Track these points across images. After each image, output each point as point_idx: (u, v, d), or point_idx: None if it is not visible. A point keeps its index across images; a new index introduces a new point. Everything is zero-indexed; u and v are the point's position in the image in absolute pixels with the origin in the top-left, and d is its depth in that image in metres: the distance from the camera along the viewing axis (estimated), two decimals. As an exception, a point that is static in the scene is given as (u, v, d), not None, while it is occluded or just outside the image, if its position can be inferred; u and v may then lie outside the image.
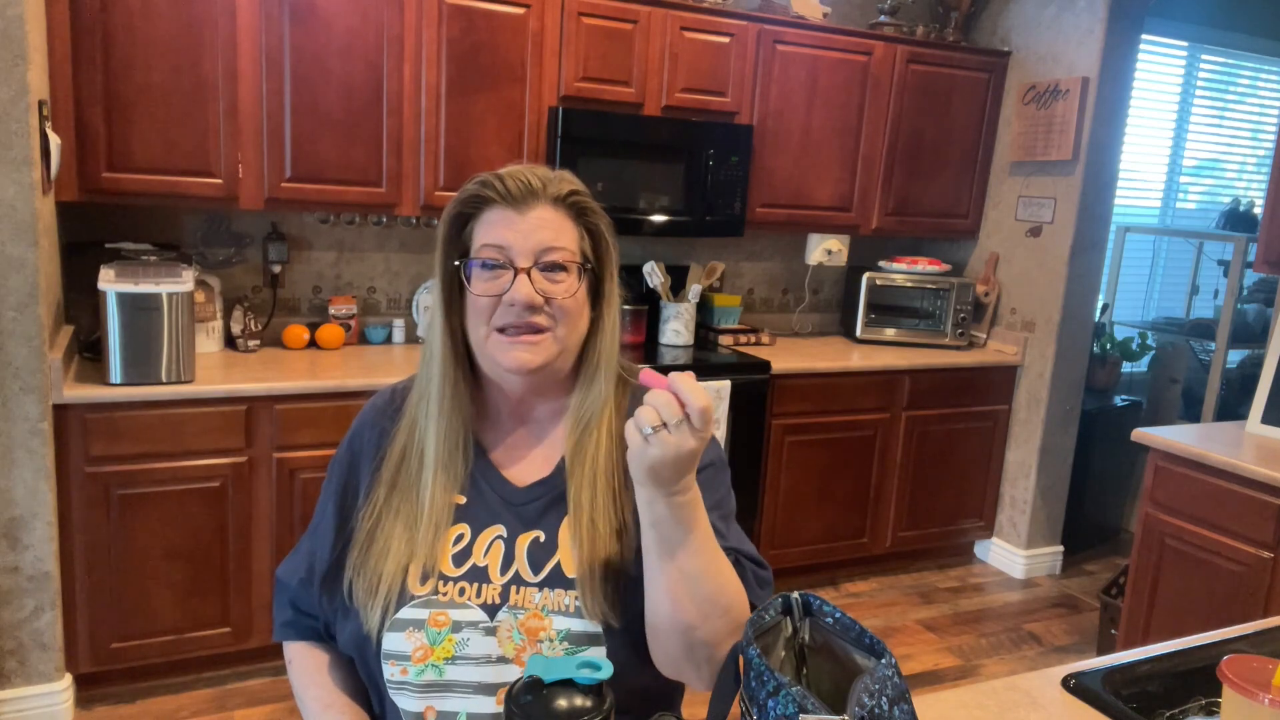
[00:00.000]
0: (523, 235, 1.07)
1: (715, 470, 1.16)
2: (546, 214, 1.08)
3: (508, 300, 1.06)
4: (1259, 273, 2.95)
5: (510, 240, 1.07)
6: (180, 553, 2.64)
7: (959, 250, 4.21)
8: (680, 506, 0.96)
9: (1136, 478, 4.28)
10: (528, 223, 1.07)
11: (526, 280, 1.06)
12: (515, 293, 1.05)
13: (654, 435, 0.91)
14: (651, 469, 0.93)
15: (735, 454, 3.36)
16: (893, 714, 0.84)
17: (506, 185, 1.07)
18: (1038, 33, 3.79)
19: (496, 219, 1.08)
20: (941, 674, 3.12)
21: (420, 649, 1.05)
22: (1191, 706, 1.27)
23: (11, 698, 2.47)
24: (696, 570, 0.98)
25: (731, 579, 1.03)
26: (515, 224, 1.07)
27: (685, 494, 0.96)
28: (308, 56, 2.79)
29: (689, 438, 0.91)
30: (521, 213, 1.07)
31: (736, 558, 1.08)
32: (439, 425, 1.11)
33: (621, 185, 3.26)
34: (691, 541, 0.98)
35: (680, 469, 0.93)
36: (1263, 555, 2.49)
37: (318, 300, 3.28)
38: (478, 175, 1.10)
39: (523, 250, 1.06)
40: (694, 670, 1.04)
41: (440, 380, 1.12)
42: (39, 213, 2.32)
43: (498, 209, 1.08)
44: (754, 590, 1.08)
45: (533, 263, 1.06)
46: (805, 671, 1.00)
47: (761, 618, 0.97)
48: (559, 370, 1.13)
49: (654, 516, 0.97)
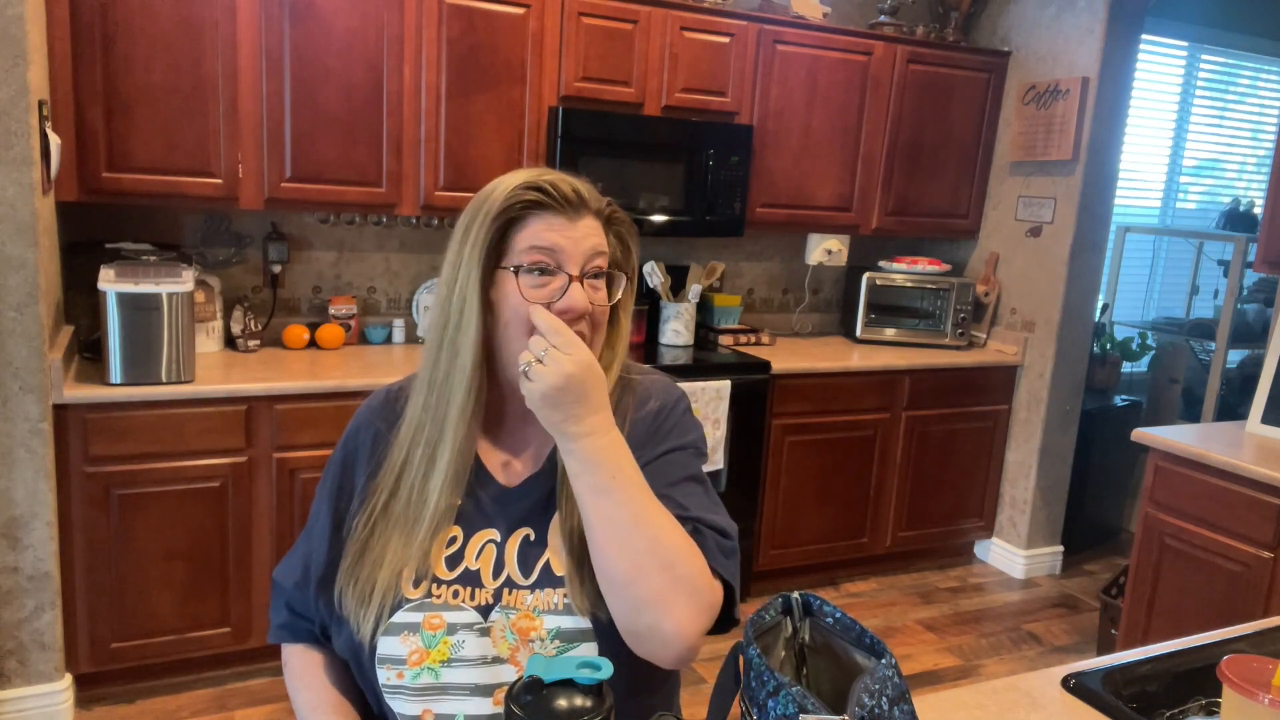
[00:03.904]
0: (574, 241, 1.06)
1: (686, 454, 1.14)
2: (592, 223, 1.09)
3: (561, 307, 1.04)
4: (1259, 273, 2.95)
5: (563, 245, 1.06)
6: (180, 553, 2.64)
7: (959, 250, 4.21)
8: (595, 450, 0.99)
9: (1136, 478, 4.28)
10: (578, 230, 1.07)
11: (579, 287, 1.06)
12: (571, 299, 1.04)
13: (530, 369, 0.98)
14: (544, 401, 0.98)
15: (735, 454, 3.36)
16: (893, 714, 0.84)
17: (561, 191, 1.06)
18: (1038, 33, 3.79)
19: (548, 224, 1.06)
20: (941, 674, 3.12)
21: (416, 652, 1.05)
22: (1191, 706, 1.27)
23: (11, 698, 2.47)
24: (625, 519, 0.98)
25: (673, 535, 1.00)
26: (567, 230, 1.06)
27: (596, 436, 0.99)
28: (308, 56, 2.79)
29: (563, 362, 0.97)
30: (573, 220, 1.07)
31: (695, 526, 1.06)
32: (458, 434, 1.08)
33: (621, 185, 3.26)
34: (615, 489, 0.99)
35: (572, 396, 0.97)
36: (1263, 555, 2.49)
37: (318, 300, 3.28)
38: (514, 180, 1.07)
39: (574, 256, 1.06)
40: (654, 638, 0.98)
41: (466, 390, 1.07)
42: (39, 212, 2.32)
43: (549, 215, 1.06)
44: (715, 556, 1.04)
45: (580, 269, 1.06)
46: (805, 671, 1.00)
47: (761, 618, 0.97)
48: None
49: (572, 465, 1.00)
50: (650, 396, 1.17)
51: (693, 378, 3.23)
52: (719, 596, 1.03)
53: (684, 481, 1.11)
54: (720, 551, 1.06)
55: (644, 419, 1.15)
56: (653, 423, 1.15)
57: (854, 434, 3.62)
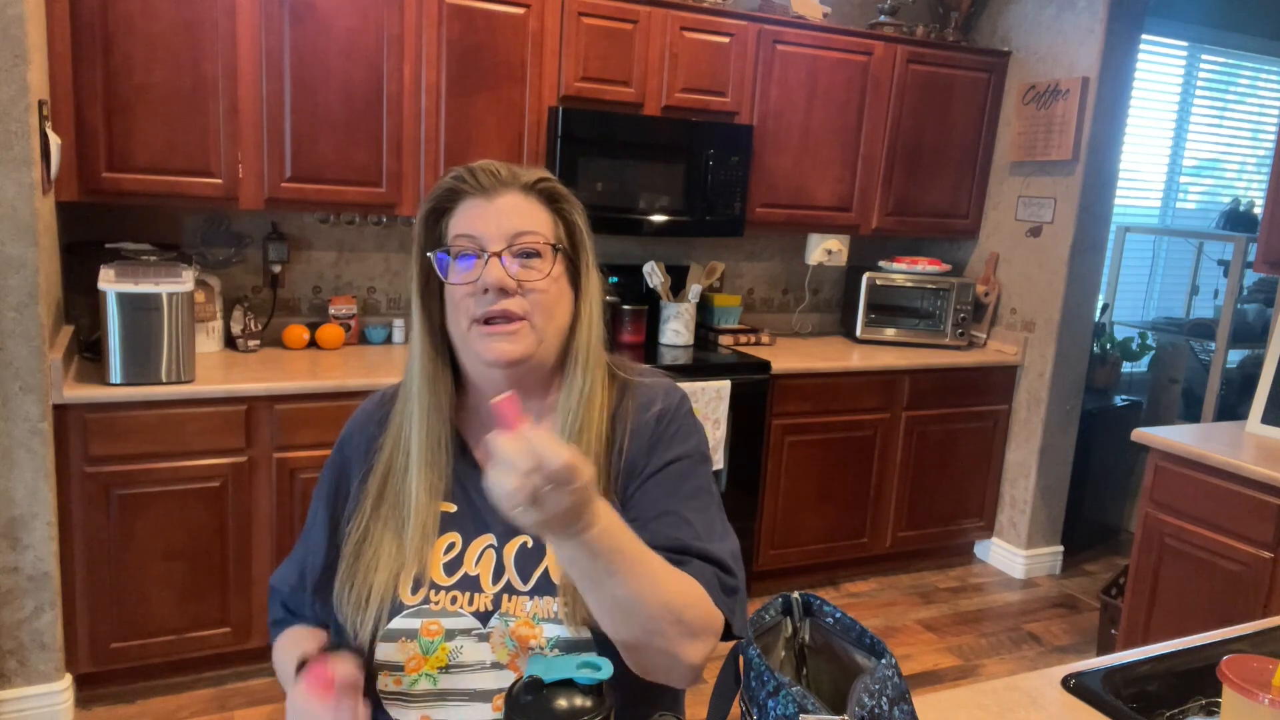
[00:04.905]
0: (493, 222, 1.07)
1: (692, 463, 1.13)
2: (517, 200, 1.09)
3: (480, 284, 1.06)
4: (1259, 273, 2.95)
5: (480, 228, 1.07)
6: (180, 553, 2.64)
7: (959, 250, 4.21)
8: (591, 542, 0.88)
9: (1136, 478, 4.28)
10: (497, 209, 1.08)
11: (498, 263, 1.06)
12: (486, 275, 1.05)
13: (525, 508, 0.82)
14: (539, 529, 0.86)
15: (735, 454, 3.36)
16: (893, 714, 0.84)
17: (477, 177, 1.09)
18: (1038, 33, 3.79)
19: (468, 209, 1.09)
20: (941, 674, 3.12)
21: (414, 658, 1.05)
22: (1191, 706, 1.26)
23: (11, 698, 2.47)
24: (629, 596, 0.92)
25: (679, 590, 0.97)
26: (485, 212, 1.08)
27: (592, 528, 0.88)
28: (308, 56, 2.79)
29: (563, 497, 0.83)
30: (491, 200, 1.08)
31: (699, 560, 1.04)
32: (420, 424, 1.11)
33: (621, 185, 3.26)
34: (617, 570, 0.91)
35: (573, 514, 0.85)
36: (1263, 555, 2.49)
37: (318, 300, 3.28)
38: (451, 170, 1.11)
39: (494, 236, 1.07)
40: (665, 675, 1.00)
41: (420, 378, 1.11)
42: (39, 213, 2.32)
43: (469, 200, 1.09)
44: (719, 597, 1.03)
45: (505, 246, 1.06)
46: (805, 671, 1.00)
47: (761, 618, 0.97)
48: (541, 365, 1.12)
49: (567, 557, 0.91)
50: (653, 400, 1.16)
51: (693, 378, 3.23)
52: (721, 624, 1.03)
53: (692, 496, 1.10)
54: (723, 590, 1.04)
55: (647, 423, 1.13)
56: (656, 427, 1.13)
57: (854, 434, 3.62)
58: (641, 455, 1.11)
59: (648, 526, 1.07)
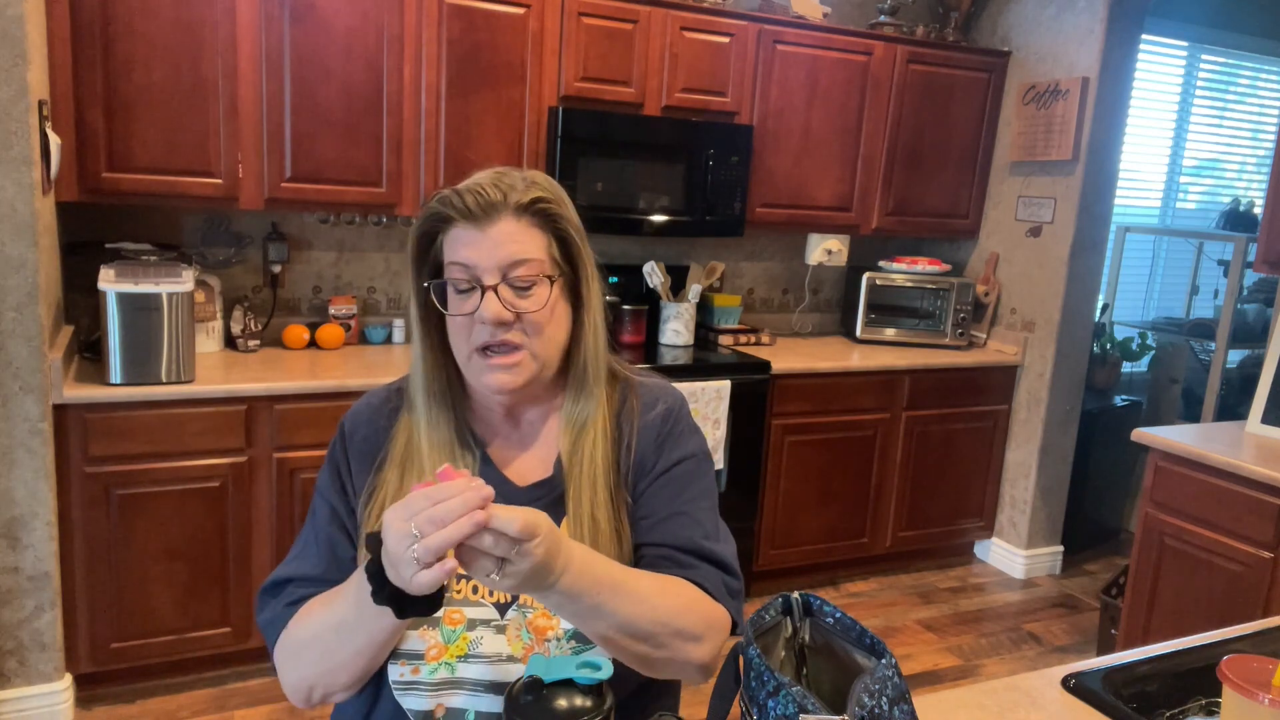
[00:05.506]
0: (487, 253, 1.05)
1: (698, 462, 1.17)
2: (510, 226, 1.06)
3: (478, 319, 1.05)
4: (1259, 273, 2.94)
5: (475, 259, 1.05)
6: (180, 553, 2.64)
7: (959, 250, 4.21)
8: (569, 587, 0.90)
9: (1136, 478, 4.28)
10: (490, 239, 1.05)
11: (494, 298, 1.05)
12: (484, 311, 1.05)
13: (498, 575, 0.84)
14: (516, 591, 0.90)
15: (735, 454, 3.36)
16: (893, 714, 0.84)
17: (465, 202, 1.05)
18: (1038, 33, 3.79)
19: (460, 237, 1.06)
20: (941, 674, 3.12)
21: (435, 646, 1.06)
22: (1191, 706, 1.26)
23: (11, 698, 2.47)
24: (622, 622, 0.95)
25: (670, 603, 1.00)
26: (479, 242, 1.05)
27: (566, 574, 0.89)
28: (308, 56, 2.79)
29: (527, 557, 0.83)
30: (484, 229, 1.05)
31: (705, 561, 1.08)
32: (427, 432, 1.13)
33: (621, 185, 3.26)
34: (603, 602, 0.93)
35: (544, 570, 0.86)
36: (1263, 555, 2.49)
37: (318, 300, 3.28)
38: (438, 191, 1.09)
39: (488, 267, 1.05)
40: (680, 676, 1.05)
41: (425, 396, 1.13)
42: (39, 212, 2.32)
43: (460, 226, 1.06)
44: (724, 599, 1.07)
45: (500, 279, 1.05)
46: (805, 671, 1.00)
47: (761, 618, 0.97)
48: (543, 379, 1.13)
49: (553, 605, 0.94)
50: (657, 399, 1.19)
51: (693, 378, 3.23)
52: (727, 620, 1.07)
53: (701, 496, 1.14)
54: (728, 592, 1.09)
55: (653, 422, 1.16)
56: (663, 426, 1.16)
57: (854, 434, 3.62)
58: (650, 453, 1.15)
59: (660, 526, 1.11)
